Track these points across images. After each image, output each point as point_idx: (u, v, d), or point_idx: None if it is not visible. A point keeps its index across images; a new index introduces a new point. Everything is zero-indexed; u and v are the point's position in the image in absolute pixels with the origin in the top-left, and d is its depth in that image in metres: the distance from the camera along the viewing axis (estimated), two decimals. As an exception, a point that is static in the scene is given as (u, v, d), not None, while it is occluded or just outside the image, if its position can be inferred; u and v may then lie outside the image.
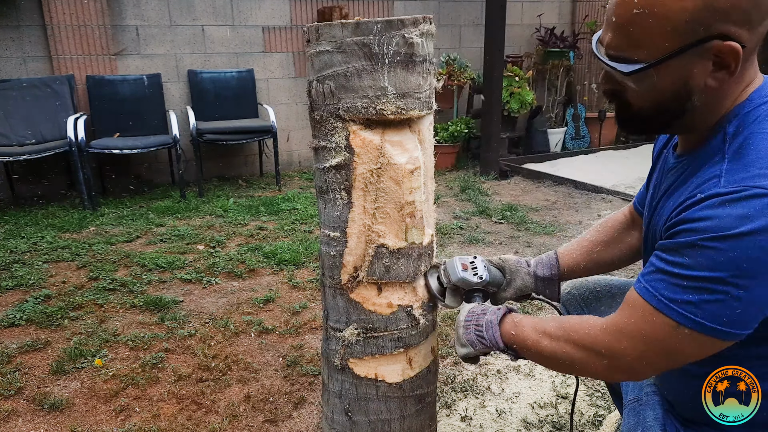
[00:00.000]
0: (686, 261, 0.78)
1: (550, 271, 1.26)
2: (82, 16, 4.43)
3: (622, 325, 0.86)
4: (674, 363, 0.85)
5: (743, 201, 0.75)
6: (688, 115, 0.87)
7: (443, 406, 1.90)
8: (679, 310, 0.78)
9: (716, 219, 0.76)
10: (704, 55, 0.80)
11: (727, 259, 0.74)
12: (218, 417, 1.86)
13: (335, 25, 1.06)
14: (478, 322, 1.09)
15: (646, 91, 0.86)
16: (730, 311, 0.75)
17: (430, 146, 1.23)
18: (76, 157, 4.08)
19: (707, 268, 0.75)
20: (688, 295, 0.77)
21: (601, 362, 0.89)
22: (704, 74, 0.82)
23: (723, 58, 0.79)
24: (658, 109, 0.88)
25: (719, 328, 0.76)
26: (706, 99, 0.85)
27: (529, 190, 4.78)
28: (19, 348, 2.28)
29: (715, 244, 0.75)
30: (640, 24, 0.81)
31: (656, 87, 0.85)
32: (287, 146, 5.44)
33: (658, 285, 0.81)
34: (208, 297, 2.76)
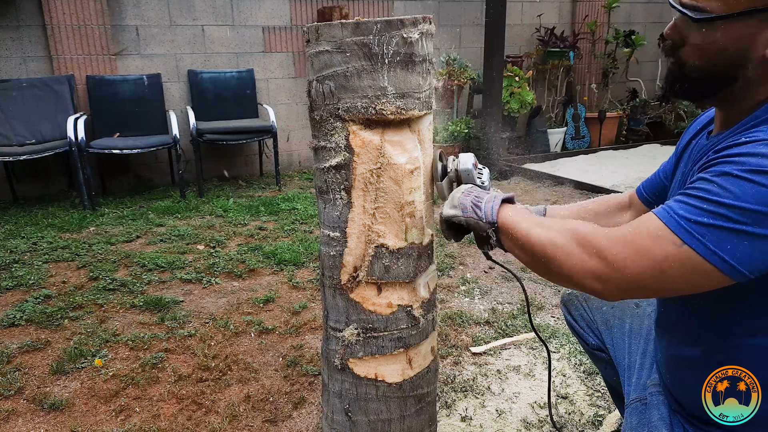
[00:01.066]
0: (714, 188, 0.76)
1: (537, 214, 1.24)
2: (82, 16, 4.43)
3: (626, 234, 0.82)
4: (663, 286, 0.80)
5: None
6: (738, 86, 0.86)
7: (443, 406, 1.90)
8: (687, 228, 0.77)
9: (758, 156, 0.74)
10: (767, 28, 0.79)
11: (760, 193, 0.72)
12: (218, 417, 1.86)
13: (335, 25, 1.06)
14: (480, 195, 1.06)
15: (707, 47, 0.85)
16: (738, 242, 0.74)
17: (429, 146, 1.23)
18: (76, 157, 4.08)
19: (735, 197, 0.74)
20: (704, 217, 0.76)
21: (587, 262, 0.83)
22: (764, 44, 0.81)
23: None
24: (712, 71, 0.86)
25: (721, 254, 0.75)
26: (759, 71, 0.83)
27: (529, 190, 4.78)
28: (19, 348, 2.28)
29: (752, 177, 0.73)
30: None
31: (717, 45, 0.84)
32: (287, 146, 5.44)
33: (676, 206, 0.79)
34: (208, 297, 2.76)
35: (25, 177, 4.49)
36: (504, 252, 1.06)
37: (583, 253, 0.84)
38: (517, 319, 2.47)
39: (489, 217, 1.00)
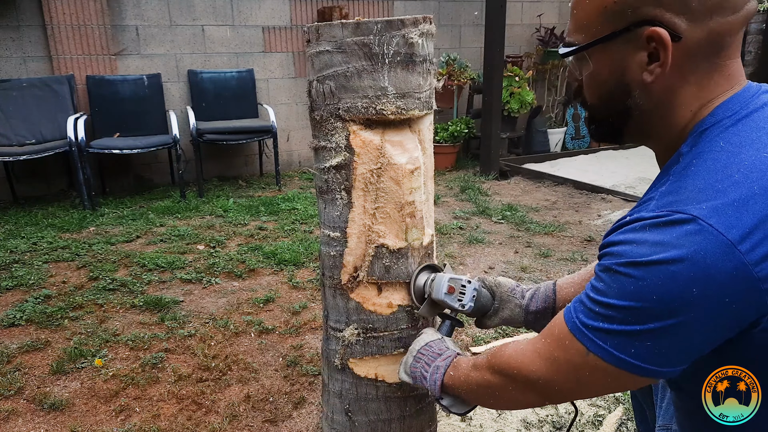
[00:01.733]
0: (601, 286, 0.74)
1: (544, 304, 1.20)
2: (82, 16, 4.43)
3: (539, 347, 0.83)
4: (585, 392, 0.82)
5: (662, 227, 0.69)
6: (637, 118, 0.82)
7: (443, 406, 1.90)
8: (589, 336, 0.74)
9: (633, 244, 0.71)
10: (637, 43, 0.76)
11: (637, 288, 0.69)
12: (218, 417, 1.86)
13: (335, 25, 1.06)
14: (429, 362, 1.07)
15: (591, 81, 0.84)
16: (639, 343, 0.71)
17: (430, 146, 1.23)
18: (76, 157, 4.08)
19: (618, 295, 0.71)
20: (599, 322, 0.73)
21: (515, 386, 0.87)
22: (639, 67, 0.77)
23: (655, 48, 0.75)
24: (606, 106, 0.85)
25: (628, 360, 0.72)
26: (648, 99, 0.79)
27: (529, 190, 4.77)
28: (19, 348, 2.28)
29: (627, 270, 0.70)
30: (581, 6, 0.81)
31: (597, 77, 0.83)
32: (287, 146, 5.44)
33: (578, 308, 0.78)
34: (208, 297, 2.76)
35: (25, 177, 4.49)
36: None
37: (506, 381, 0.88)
38: (517, 319, 2.47)
39: (432, 391, 1.05)
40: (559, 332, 0.80)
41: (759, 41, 6.11)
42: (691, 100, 0.78)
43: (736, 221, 0.67)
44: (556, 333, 0.80)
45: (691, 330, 0.69)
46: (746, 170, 0.70)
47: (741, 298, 0.67)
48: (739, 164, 0.71)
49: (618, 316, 0.71)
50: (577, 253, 3.22)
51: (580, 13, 0.81)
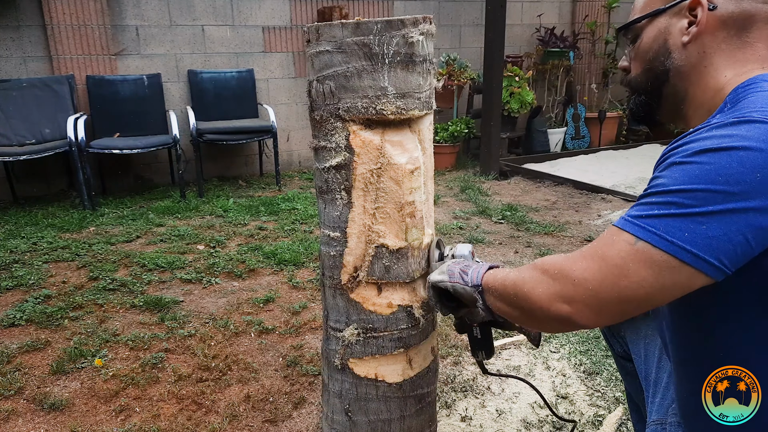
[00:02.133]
0: (661, 180, 0.74)
1: None
2: (82, 16, 4.43)
3: (584, 249, 0.80)
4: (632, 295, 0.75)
5: (730, 125, 0.73)
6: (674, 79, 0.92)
7: (443, 406, 1.90)
8: (639, 224, 0.73)
9: (699, 140, 0.73)
10: (680, 14, 0.90)
11: (702, 171, 0.70)
12: (218, 417, 1.87)
13: (335, 25, 1.06)
14: (469, 264, 1.07)
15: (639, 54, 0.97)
16: (694, 227, 0.69)
17: (430, 146, 1.23)
18: (76, 157, 4.08)
19: (680, 182, 0.71)
20: (653, 209, 0.73)
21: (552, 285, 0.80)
22: (680, 31, 0.90)
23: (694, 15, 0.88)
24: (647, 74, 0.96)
25: (679, 243, 0.70)
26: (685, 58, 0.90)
27: (529, 190, 4.78)
28: (19, 348, 2.28)
29: (694, 158, 0.71)
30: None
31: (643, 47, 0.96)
32: (287, 146, 5.44)
33: (630, 210, 0.77)
34: (208, 297, 2.76)
35: (25, 177, 4.49)
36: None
37: (548, 278, 0.81)
38: (517, 319, 2.47)
39: (474, 281, 1.00)
40: (607, 233, 0.77)
41: (759, 41, 6.11)
42: (725, 65, 0.87)
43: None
44: (604, 235, 0.78)
45: (747, 219, 0.69)
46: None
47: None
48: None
49: (676, 200, 0.71)
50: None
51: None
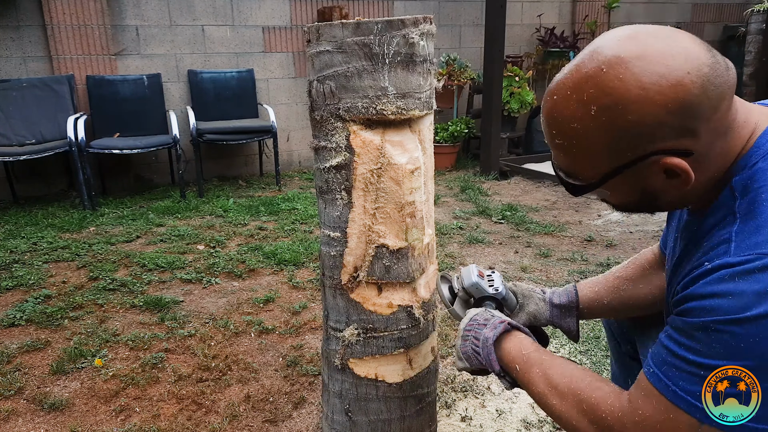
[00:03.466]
0: (699, 347, 0.69)
1: (567, 299, 1.17)
2: (82, 16, 4.43)
3: (640, 419, 0.77)
4: None
5: (758, 273, 0.66)
6: (673, 201, 0.82)
7: (443, 406, 1.90)
8: (699, 406, 0.70)
9: (729, 297, 0.66)
10: (650, 168, 0.75)
11: (747, 345, 0.65)
12: (218, 417, 1.86)
13: (336, 25, 1.06)
14: (477, 335, 1.02)
15: (611, 197, 0.85)
16: (758, 405, 0.67)
17: (430, 146, 1.23)
18: (76, 157, 4.08)
19: (725, 356, 0.67)
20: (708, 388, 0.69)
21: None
22: (660, 183, 0.77)
23: (670, 169, 0.74)
24: (635, 206, 0.85)
25: (749, 425, 0.69)
26: (677, 196, 0.80)
27: (529, 190, 4.77)
28: (19, 348, 2.28)
29: (731, 329, 0.66)
30: (567, 153, 0.79)
31: (615, 196, 0.84)
32: (287, 146, 5.44)
33: (672, 373, 0.72)
34: (208, 297, 2.76)
35: (25, 177, 4.49)
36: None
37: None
38: (517, 319, 2.47)
39: (490, 367, 1.00)
40: (659, 404, 0.74)
41: (759, 41, 6.11)
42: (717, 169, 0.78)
43: None
44: (654, 403, 0.74)
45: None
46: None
47: None
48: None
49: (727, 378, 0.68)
50: (577, 254, 3.22)
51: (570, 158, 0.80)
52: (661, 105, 0.70)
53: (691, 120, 0.71)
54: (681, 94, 0.70)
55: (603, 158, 0.76)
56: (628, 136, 0.73)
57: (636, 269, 1.17)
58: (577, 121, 0.75)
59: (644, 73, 0.71)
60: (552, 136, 0.79)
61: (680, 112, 0.71)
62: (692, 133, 0.73)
